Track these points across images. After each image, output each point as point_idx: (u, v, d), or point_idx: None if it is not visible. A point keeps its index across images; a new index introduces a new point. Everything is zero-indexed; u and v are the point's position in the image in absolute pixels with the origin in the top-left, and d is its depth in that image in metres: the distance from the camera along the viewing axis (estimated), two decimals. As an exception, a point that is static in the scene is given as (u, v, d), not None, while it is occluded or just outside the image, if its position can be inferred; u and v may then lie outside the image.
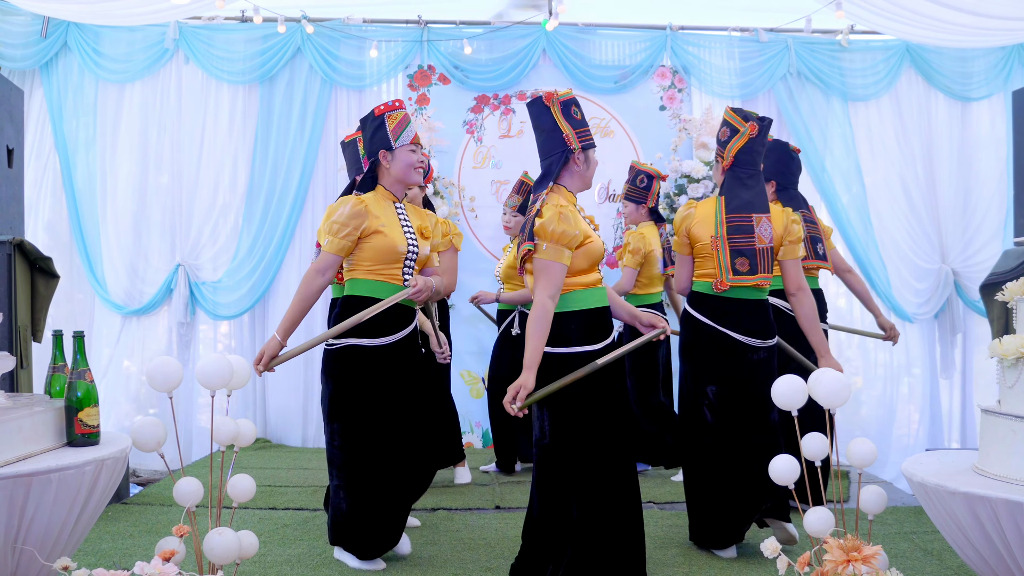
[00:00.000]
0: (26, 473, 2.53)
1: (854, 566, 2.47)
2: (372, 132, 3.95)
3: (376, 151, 3.94)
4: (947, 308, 7.32)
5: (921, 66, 7.26)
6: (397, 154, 3.91)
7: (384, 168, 3.95)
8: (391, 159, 3.91)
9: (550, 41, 7.12)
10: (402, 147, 3.90)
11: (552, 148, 3.49)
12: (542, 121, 3.52)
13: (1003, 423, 2.68)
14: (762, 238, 4.07)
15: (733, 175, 4.17)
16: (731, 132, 4.17)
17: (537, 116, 3.53)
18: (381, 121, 3.92)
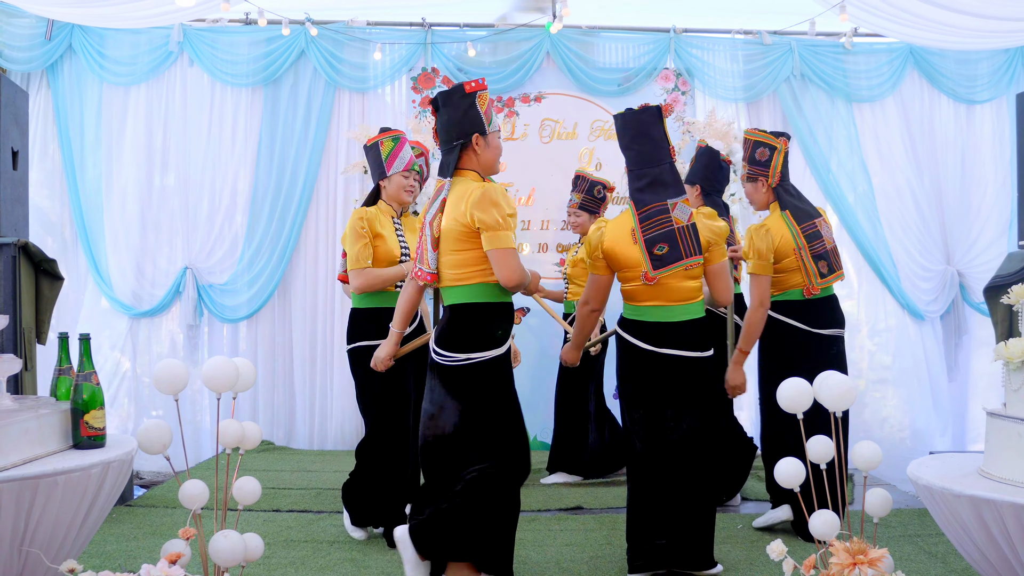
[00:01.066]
0: (32, 475, 2.53)
1: (860, 569, 2.47)
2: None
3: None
4: (952, 310, 7.32)
5: (925, 69, 7.26)
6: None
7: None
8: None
9: (554, 44, 7.12)
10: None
11: (663, 158, 3.80)
12: (653, 131, 3.80)
13: (1009, 426, 2.68)
14: (829, 239, 4.43)
15: (784, 189, 4.49)
16: (770, 151, 4.36)
17: (648, 125, 3.79)
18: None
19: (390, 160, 4.41)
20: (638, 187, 3.81)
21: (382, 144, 4.41)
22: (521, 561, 4.14)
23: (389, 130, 4.49)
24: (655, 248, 3.72)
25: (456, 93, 3.49)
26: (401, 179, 4.43)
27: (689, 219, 3.73)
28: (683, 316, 3.81)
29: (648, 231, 3.74)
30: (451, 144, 3.52)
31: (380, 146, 4.41)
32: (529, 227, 7.12)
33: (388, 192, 4.46)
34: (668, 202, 3.76)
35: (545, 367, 6.70)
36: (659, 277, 3.72)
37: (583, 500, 5.35)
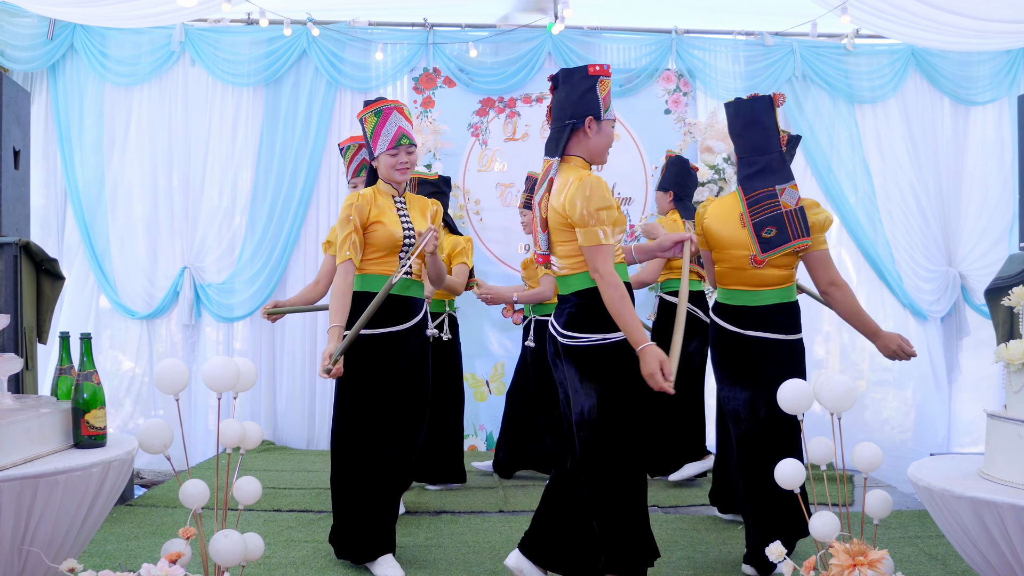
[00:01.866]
0: (33, 475, 2.53)
1: (860, 570, 2.47)
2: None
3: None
4: (954, 311, 7.32)
5: (926, 70, 7.26)
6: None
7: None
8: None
9: (555, 44, 7.13)
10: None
11: (773, 146, 3.87)
12: (765, 119, 3.86)
13: (1009, 428, 2.68)
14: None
15: None
16: None
17: (762, 111, 3.85)
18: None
19: (374, 138, 3.98)
20: (748, 174, 3.92)
21: (365, 121, 4.02)
22: (521, 562, 4.14)
23: (374, 101, 4.04)
24: (763, 231, 3.83)
25: (578, 73, 3.41)
26: (388, 158, 3.97)
27: (797, 203, 3.81)
28: (771, 300, 3.91)
29: (756, 215, 3.85)
30: (563, 123, 3.41)
31: (364, 123, 4.03)
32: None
33: (381, 173, 4.04)
34: (776, 187, 3.86)
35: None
36: (767, 259, 3.84)
37: (583, 501, 5.35)
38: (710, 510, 5.08)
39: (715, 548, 4.37)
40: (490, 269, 7.05)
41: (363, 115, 4.02)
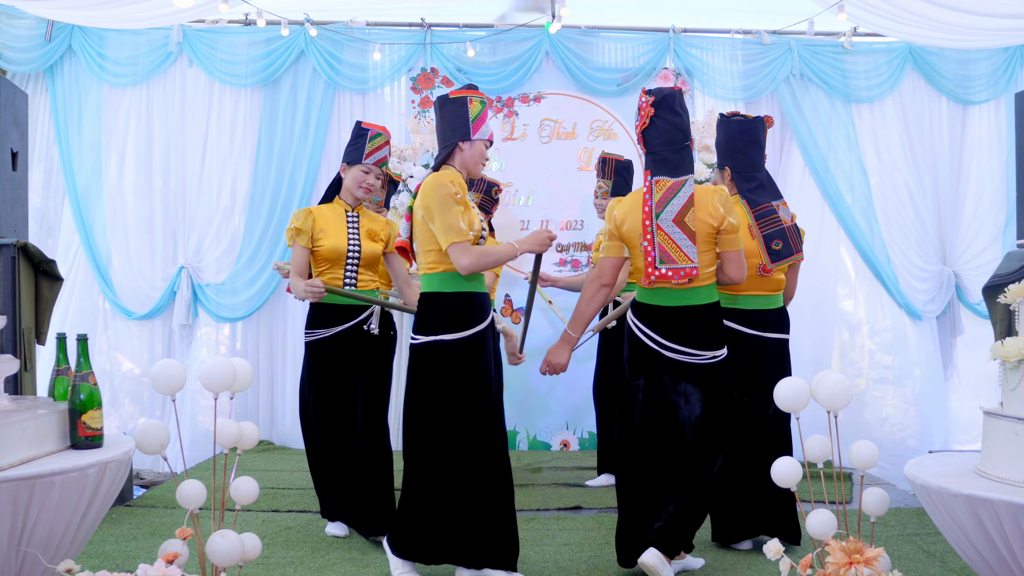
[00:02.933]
0: (30, 476, 2.53)
1: (856, 568, 2.47)
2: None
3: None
4: (948, 310, 7.32)
5: (924, 69, 7.25)
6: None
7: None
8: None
9: (553, 44, 7.12)
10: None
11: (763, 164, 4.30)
12: (762, 139, 4.25)
13: (1005, 425, 2.68)
14: None
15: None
16: None
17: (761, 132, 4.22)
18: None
19: (477, 123, 3.69)
20: (749, 188, 4.18)
21: (471, 102, 3.69)
22: (520, 560, 4.14)
23: (476, 89, 3.77)
24: (772, 243, 4.09)
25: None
26: (483, 147, 3.73)
27: (792, 219, 4.15)
28: (777, 304, 4.26)
29: (765, 228, 4.10)
30: (682, 144, 3.69)
31: (468, 104, 3.68)
32: (528, 227, 7.11)
33: (464, 158, 3.70)
34: (773, 203, 4.14)
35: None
36: (773, 269, 4.13)
37: (582, 500, 5.36)
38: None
39: (715, 547, 4.37)
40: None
41: (467, 95, 3.71)
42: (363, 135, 4.45)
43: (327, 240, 4.36)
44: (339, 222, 4.43)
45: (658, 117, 3.66)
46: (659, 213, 3.60)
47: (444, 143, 3.70)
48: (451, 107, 3.68)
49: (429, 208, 3.50)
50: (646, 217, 3.63)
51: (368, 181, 4.42)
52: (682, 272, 3.59)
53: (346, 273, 4.41)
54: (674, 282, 3.60)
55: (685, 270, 3.60)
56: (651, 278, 3.62)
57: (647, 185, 3.67)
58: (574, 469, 6.23)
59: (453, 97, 3.69)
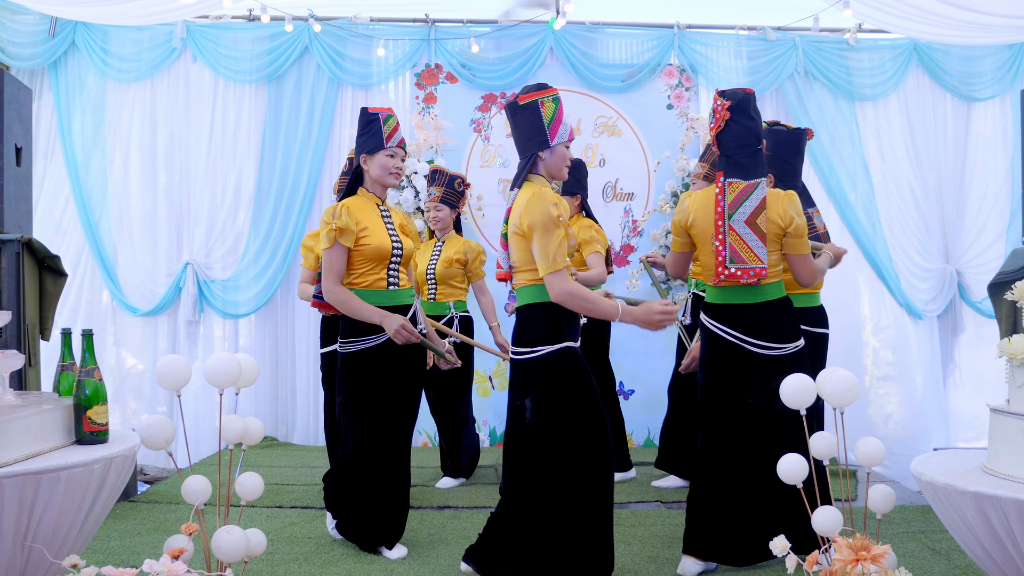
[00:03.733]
0: (35, 471, 2.53)
1: (863, 565, 2.47)
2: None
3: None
4: (951, 308, 7.32)
5: (928, 65, 7.24)
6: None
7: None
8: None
9: (557, 40, 7.12)
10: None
11: None
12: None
13: (1012, 422, 2.67)
14: None
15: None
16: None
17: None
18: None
19: (554, 126, 3.51)
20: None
21: (543, 105, 3.51)
22: (524, 557, 4.14)
23: (545, 87, 3.56)
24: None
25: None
26: (564, 151, 3.57)
27: (823, 228, 4.60)
28: (816, 302, 4.75)
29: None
30: (756, 147, 3.72)
31: (541, 107, 3.50)
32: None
33: (547, 166, 3.56)
34: (808, 211, 4.49)
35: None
36: None
37: (586, 496, 5.34)
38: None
39: (718, 543, 4.36)
40: (492, 265, 7.03)
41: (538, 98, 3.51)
42: (375, 120, 4.13)
43: (372, 238, 4.02)
44: (376, 217, 4.10)
45: (733, 121, 3.71)
46: (731, 214, 3.66)
47: (523, 153, 3.55)
48: (523, 114, 3.51)
49: (533, 228, 3.37)
50: (718, 218, 3.69)
51: (396, 164, 4.11)
52: (751, 272, 3.65)
53: (389, 273, 4.10)
54: (743, 281, 3.65)
55: (755, 270, 3.64)
56: (720, 277, 3.69)
57: (720, 187, 3.71)
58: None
59: (523, 103, 3.50)
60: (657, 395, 7.09)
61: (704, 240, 3.83)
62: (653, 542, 4.38)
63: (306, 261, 5.26)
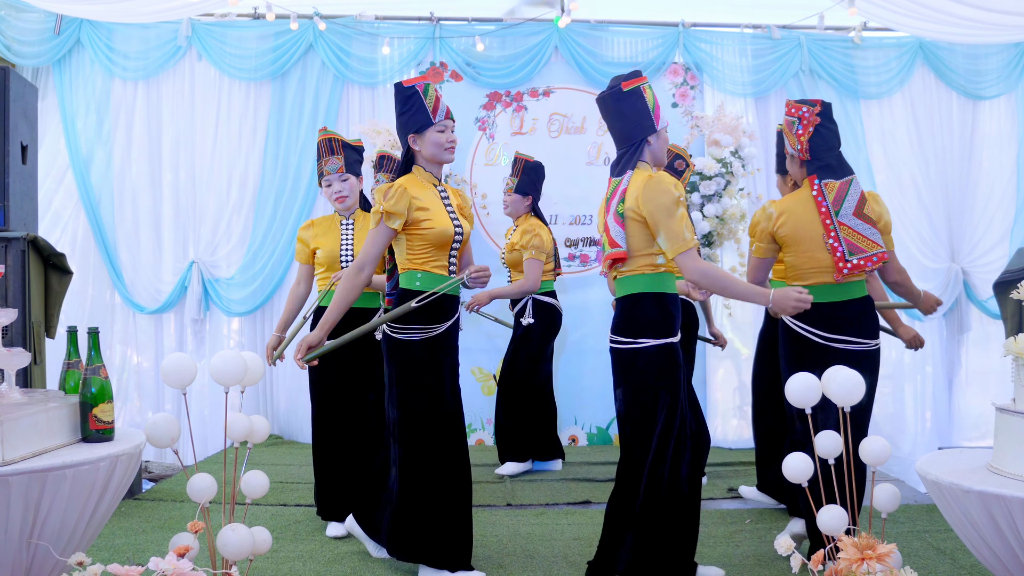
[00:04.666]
0: (41, 469, 2.53)
1: (868, 564, 2.47)
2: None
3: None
4: (956, 307, 7.30)
5: (934, 64, 7.23)
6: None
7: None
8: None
9: (562, 38, 7.11)
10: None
11: None
12: None
13: (1018, 421, 2.67)
14: None
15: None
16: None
17: None
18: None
19: (657, 111, 3.56)
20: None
21: (645, 91, 3.52)
22: (529, 555, 4.15)
23: (640, 74, 3.54)
24: None
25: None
26: (666, 135, 3.64)
27: None
28: None
29: None
30: (839, 148, 3.85)
31: (644, 92, 3.51)
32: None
33: (654, 151, 3.57)
34: None
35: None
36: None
37: (591, 494, 5.35)
38: (718, 504, 5.10)
39: (722, 543, 4.37)
40: (496, 263, 7.03)
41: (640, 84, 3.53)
42: (414, 95, 3.73)
43: (435, 221, 3.69)
44: (436, 199, 3.78)
45: (822, 126, 3.84)
46: (837, 211, 3.76)
47: (629, 140, 3.51)
48: (628, 101, 3.49)
49: (653, 214, 3.36)
50: (825, 217, 3.75)
51: (450, 139, 3.76)
52: (874, 258, 3.70)
53: (451, 259, 3.80)
54: (868, 268, 3.71)
55: (877, 255, 3.71)
56: (844, 272, 3.72)
57: (816, 188, 3.80)
58: (583, 464, 6.22)
59: (627, 90, 3.47)
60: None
61: (796, 241, 3.86)
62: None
63: (299, 255, 4.76)
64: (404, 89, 3.75)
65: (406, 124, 3.75)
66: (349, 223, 4.59)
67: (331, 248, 4.52)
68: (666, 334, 3.43)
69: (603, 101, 3.58)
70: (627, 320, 3.48)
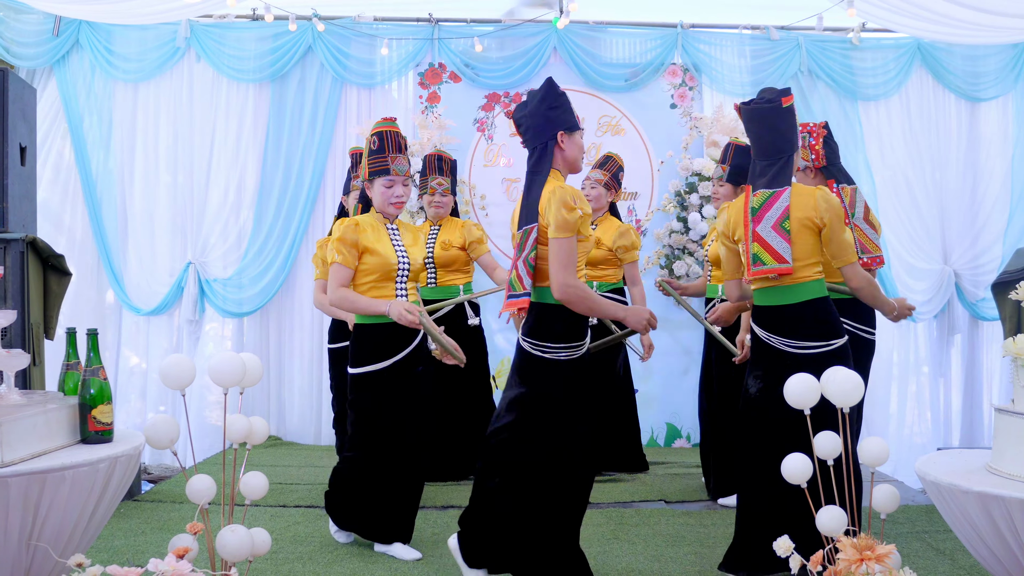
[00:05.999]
0: (41, 470, 2.53)
1: (867, 565, 2.47)
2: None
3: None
4: (947, 309, 7.30)
5: (932, 65, 7.24)
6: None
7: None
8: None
9: (561, 39, 7.12)
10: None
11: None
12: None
13: (1017, 422, 2.67)
14: None
15: None
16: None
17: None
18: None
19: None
20: None
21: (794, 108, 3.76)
22: (528, 556, 4.14)
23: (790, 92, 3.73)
24: None
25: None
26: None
27: None
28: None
29: None
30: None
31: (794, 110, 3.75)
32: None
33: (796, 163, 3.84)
34: None
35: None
36: None
37: (592, 496, 5.33)
38: (716, 505, 5.10)
39: (720, 543, 4.36)
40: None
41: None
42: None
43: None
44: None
45: (828, 137, 4.24)
46: (853, 213, 4.09)
47: (779, 154, 3.65)
48: (785, 116, 3.65)
49: (832, 224, 3.57)
50: (844, 218, 3.85)
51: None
52: (879, 259, 4.27)
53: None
54: (873, 267, 4.30)
55: (880, 257, 4.27)
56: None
57: (836, 191, 4.09)
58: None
59: (787, 106, 3.65)
60: (661, 393, 7.11)
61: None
62: (657, 541, 4.38)
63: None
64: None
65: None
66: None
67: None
68: (841, 334, 3.62)
69: (759, 113, 3.69)
70: (812, 324, 3.61)
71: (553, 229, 3.30)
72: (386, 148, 4.02)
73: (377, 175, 4.03)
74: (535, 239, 3.36)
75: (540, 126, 3.55)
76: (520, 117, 3.59)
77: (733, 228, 3.87)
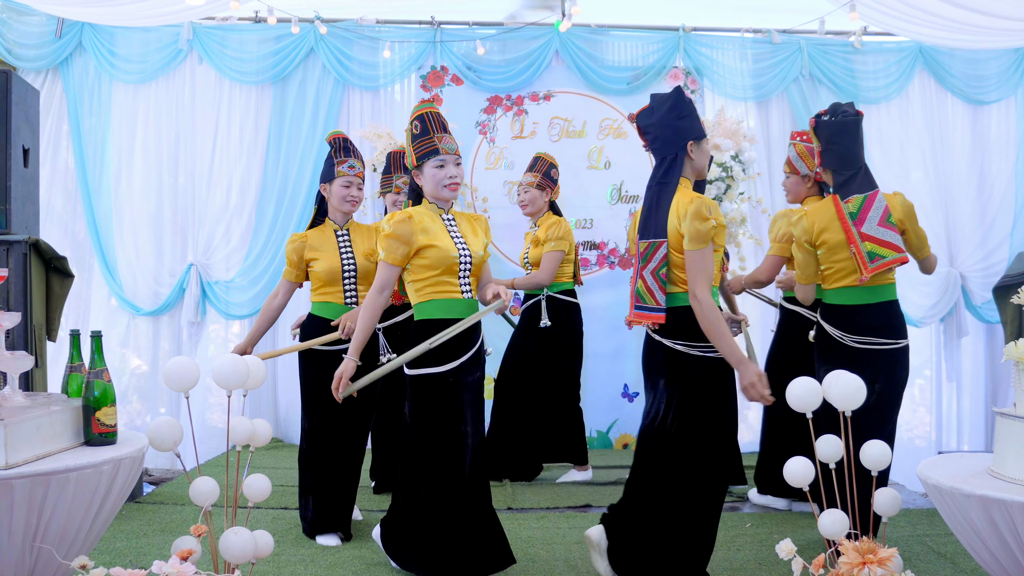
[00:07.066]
0: (44, 472, 2.54)
1: (869, 568, 2.47)
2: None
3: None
4: (954, 312, 7.29)
5: (934, 68, 7.24)
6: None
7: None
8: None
9: (563, 42, 7.12)
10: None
11: None
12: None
13: (1019, 426, 2.67)
14: None
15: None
16: None
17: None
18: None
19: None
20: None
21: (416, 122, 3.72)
22: (530, 559, 4.15)
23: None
24: None
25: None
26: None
27: None
28: None
29: None
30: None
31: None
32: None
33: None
34: None
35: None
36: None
37: (591, 498, 5.35)
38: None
39: (723, 546, 4.37)
40: (498, 266, 7.04)
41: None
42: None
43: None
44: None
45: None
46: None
47: (857, 163, 4.02)
48: (861, 127, 4.02)
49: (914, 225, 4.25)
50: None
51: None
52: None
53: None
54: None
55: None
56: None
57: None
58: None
59: (858, 116, 3.92)
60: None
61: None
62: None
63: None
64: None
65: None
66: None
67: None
68: (906, 334, 4.17)
69: (844, 126, 3.98)
70: (886, 323, 4.09)
71: (688, 241, 3.33)
72: (430, 129, 3.68)
73: (426, 157, 3.66)
74: (664, 254, 3.41)
75: (669, 136, 3.53)
76: (647, 125, 3.57)
77: (818, 233, 4.10)
